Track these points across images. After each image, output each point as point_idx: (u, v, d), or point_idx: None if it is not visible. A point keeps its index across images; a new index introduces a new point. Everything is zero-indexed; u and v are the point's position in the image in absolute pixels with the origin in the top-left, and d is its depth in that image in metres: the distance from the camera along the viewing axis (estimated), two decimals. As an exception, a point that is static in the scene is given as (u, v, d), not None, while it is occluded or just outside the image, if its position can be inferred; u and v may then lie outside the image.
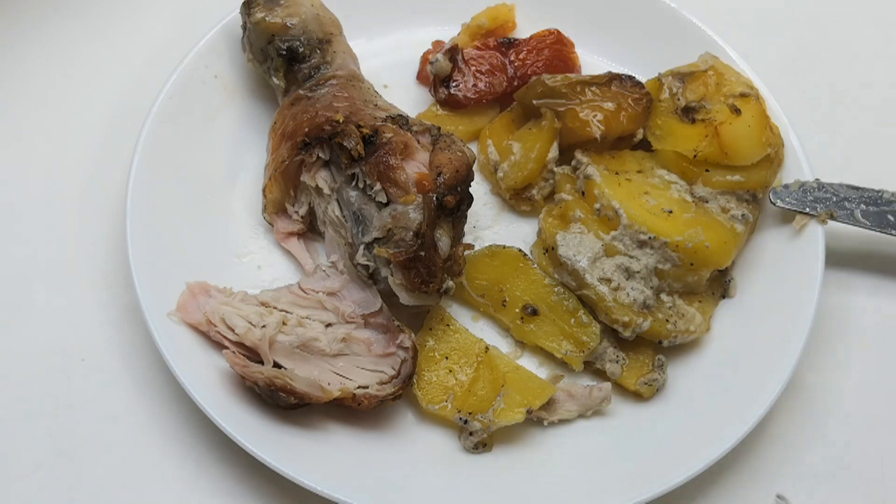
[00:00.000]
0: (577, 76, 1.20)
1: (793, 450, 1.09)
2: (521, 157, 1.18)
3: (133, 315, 1.10)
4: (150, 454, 1.03)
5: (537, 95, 1.19)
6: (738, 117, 1.14)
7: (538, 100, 1.19)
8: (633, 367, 1.08)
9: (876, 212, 1.15)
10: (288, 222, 1.15)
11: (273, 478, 0.98)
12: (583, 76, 1.20)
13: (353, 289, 1.08)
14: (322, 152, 1.09)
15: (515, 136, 1.20)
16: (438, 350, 1.07)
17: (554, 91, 1.18)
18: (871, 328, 1.18)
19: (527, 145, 1.18)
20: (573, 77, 1.19)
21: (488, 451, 1.04)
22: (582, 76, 1.20)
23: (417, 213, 1.02)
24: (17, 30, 1.34)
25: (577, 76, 1.20)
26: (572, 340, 1.08)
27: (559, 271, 1.12)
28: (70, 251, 1.16)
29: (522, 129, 1.21)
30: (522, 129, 1.21)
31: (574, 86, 1.18)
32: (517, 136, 1.20)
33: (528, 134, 1.19)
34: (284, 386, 0.97)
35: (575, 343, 1.08)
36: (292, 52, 1.16)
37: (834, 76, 1.40)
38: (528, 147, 1.18)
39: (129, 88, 1.28)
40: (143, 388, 1.07)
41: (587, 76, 1.20)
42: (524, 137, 1.19)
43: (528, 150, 1.18)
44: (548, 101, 1.18)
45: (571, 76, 1.20)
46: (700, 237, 1.09)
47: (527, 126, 1.21)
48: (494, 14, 1.31)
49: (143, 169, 1.11)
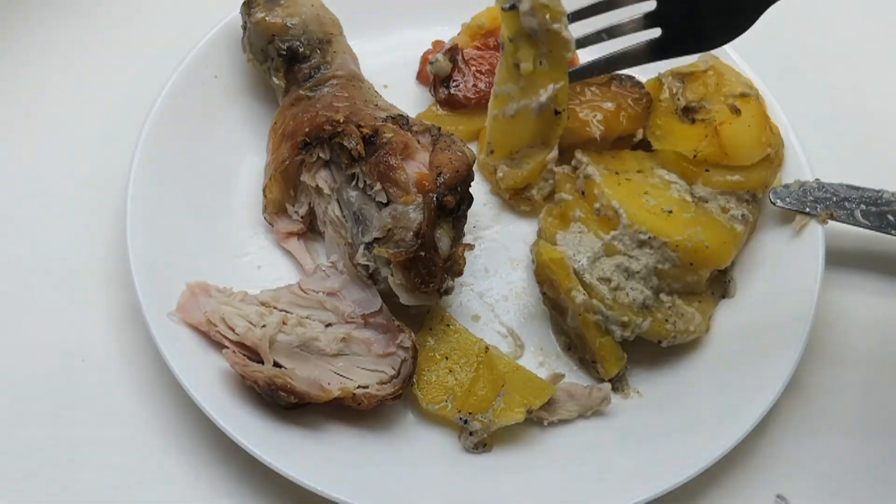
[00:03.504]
0: (577, 76, 1.20)
1: (793, 450, 1.09)
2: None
3: (133, 315, 1.10)
4: (150, 454, 1.03)
5: (537, 95, 1.19)
6: (738, 117, 1.14)
7: (538, 100, 1.19)
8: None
9: (876, 212, 1.15)
10: (288, 222, 1.15)
11: (273, 478, 0.98)
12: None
13: (353, 289, 1.08)
14: (322, 152, 1.09)
15: (515, 136, 1.21)
16: (438, 350, 1.07)
17: (554, 91, 1.18)
18: (871, 328, 1.18)
19: (527, 145, 1.18)
20: (573, 77, 1.19)
21: (488, 451, 1.04)
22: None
23: (417, 213, 1.02)
24: (18, 30, 1.34)
25: (577, 76, 1.20)
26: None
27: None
28: (70, 251, 1.16)
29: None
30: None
31: (574, 86, 1.18)
32: (517, 136, 1.20)
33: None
34: (284, 385, 0.97)
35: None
36: (292, 52, 1.16)
37: (834, 76, 1.40)
38: (528, 147, 1.18)
39: (129, 88, 1.28)
40: (143, 388, 1.07)
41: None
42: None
43: (528, 150, 1.18)
44: (548, 101, 1.18)
45: (571, 76, 1.20)
46: (700, 237, 1.09)
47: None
48: (494, 14, 1.31)
49: (143, 169, 1.11)
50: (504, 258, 1.19)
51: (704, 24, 0.90)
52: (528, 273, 1.17)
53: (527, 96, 0.84)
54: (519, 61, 0.86)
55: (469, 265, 1.13)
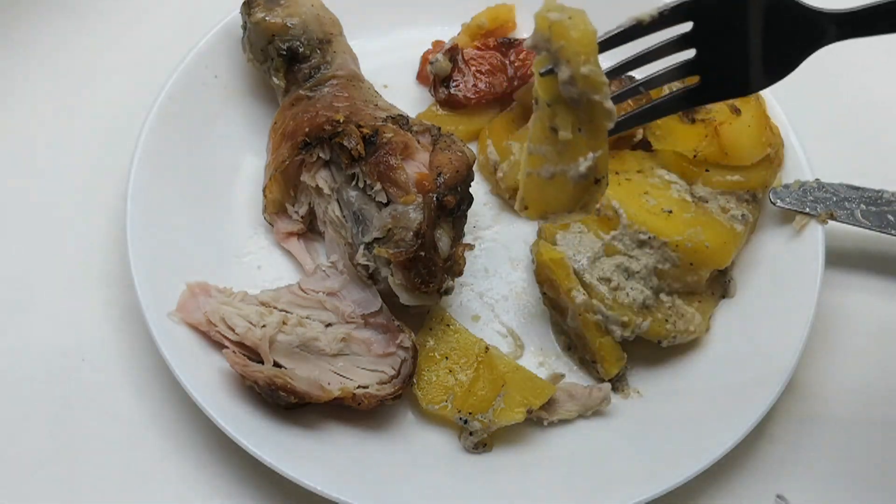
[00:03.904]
0: (577, 76, 1.20)
1: (793, 450, 1.09)
2: (521, 156, 1.18)
3: (133, 315, 1.10)
4: (150, 454, 1.03)
5: (537, 95, 1.19)
6: (738, 117, 1.14)
7: (538, 100, 1.19)
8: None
9: (876, 212, 1.15)
10: (288, 222, 1.15)
11: (273, 478, 0.98)
12: (583, 76, 1.20)
13: (353, 289, 1.08)
14: (322, 152, 1.09)
15: (515, 136, 1.20)
16: (438, 350, 1.07)
17: (554, 91, 1.18)
18: (871, 328, 1.18)
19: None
20: (573, 77, 1.19)
21: (488, 451, 1.04)
22: (582, 76, 1.20)
23: (417, 213, 1.02)
24: (18, 30, 1.34)
25: (577, 76, 1.20)
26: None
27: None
28: (70, 251, 1.16)
29: (522, 129, 1.21)
30: (522, 129, 1.21)
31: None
32: (517, 136, 1.20)
33: (527, 134, 1.19)
34: (284, 385, 0.97)
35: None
36: (292, 52, 1.16)
37: (834, 76, 1.40)
38: (528, 147, 1.18)
39: (129, 88, 1.28)
40: (143, 388, 1.07)
41: (587, 76, 1.20)
42: (524, 137, 1.19)
43: (528, 151, 1.18)
44: (548, 101, 1.18)
45: (571, 76, 1.19)
46: (700, 237, 1.09)
47: (527, 126, 1.21)
48: (494, 14, 1.31)
49: (143, 169, 1.11)
50: (504, 258, 1.19)
51: (746, 70, 0.89)
52: (528, 273, 1.17)
53: (564, 162, 0.83)
54: (557, 127, 0.85)
55: (469, 265, 1.13)
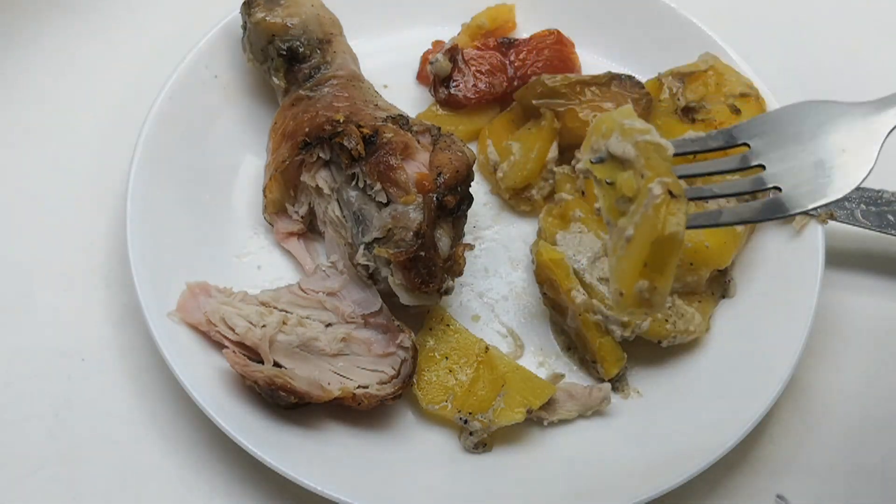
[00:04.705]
0: (577, 76, 1.20)
1: (793, 450, 1.09)
2: (521, 157, 1.18)
3: (133, 315, 1.10)
4: (150, 454, 1.03)
5: (537, 95, 1.19)
6: (738, 117, 1.14)
7: (538, 100, 1.19)
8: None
9: (876, 212, 1.15)
10: (288, 222, 1.15)
11: (273, 478, 0.98)
12: (582, 76, 1.20)
13: (353, 289, 1.08)
14: (322, 152, 1.09)
15: (515, 136, 1.20)
16: (438, 350, 1.07)
17: (554, 91, 1.18)
18: (871, 328, 1.18)
19: (526, 145, 1.18)
20: (573, 77, 1.19)
21: (488, 451, 1.04)
22: (582, 76, 1.20)
23: (417, 213, 1.02)
24: (18, 30, 1.34)
25: (576, 76, 1.20)
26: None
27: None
28: (70, 251, 1.16)
29: (522, 129, 1.21)
30: (522, 129, 1.21)
31: (574, 86, 1.18)
32: (517, 136, 1.20)
33: (527, 134, 1.19)
34: (284, 385, 0.97)
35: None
36: (292, 52, 1.16)
37: (834, 76, 1.40)
38: (527, 147, 1.18)
39: (129, 88, 1.28)
40: (143, 388, 1.07)
41: (587, 76, 1.20)
42: (524, 137, 1.19)
43: (527, 150, 1.18)
44: (548, 102, 1.18)
45: (571, 76, 1.20)
46: (699, 237, 1.09)
47: (527, 126, 1.21)
48: (494, 14, 1.32)
49: (143, 169, 1.11)
50: (504, 258, 1.19)
51: (827, 174, 0.86)
52: (528, 273, 1.17)
53: (639, 203, 0.82)
54: (624, 193, 0.84)
55: (469, 265, 1.13)
